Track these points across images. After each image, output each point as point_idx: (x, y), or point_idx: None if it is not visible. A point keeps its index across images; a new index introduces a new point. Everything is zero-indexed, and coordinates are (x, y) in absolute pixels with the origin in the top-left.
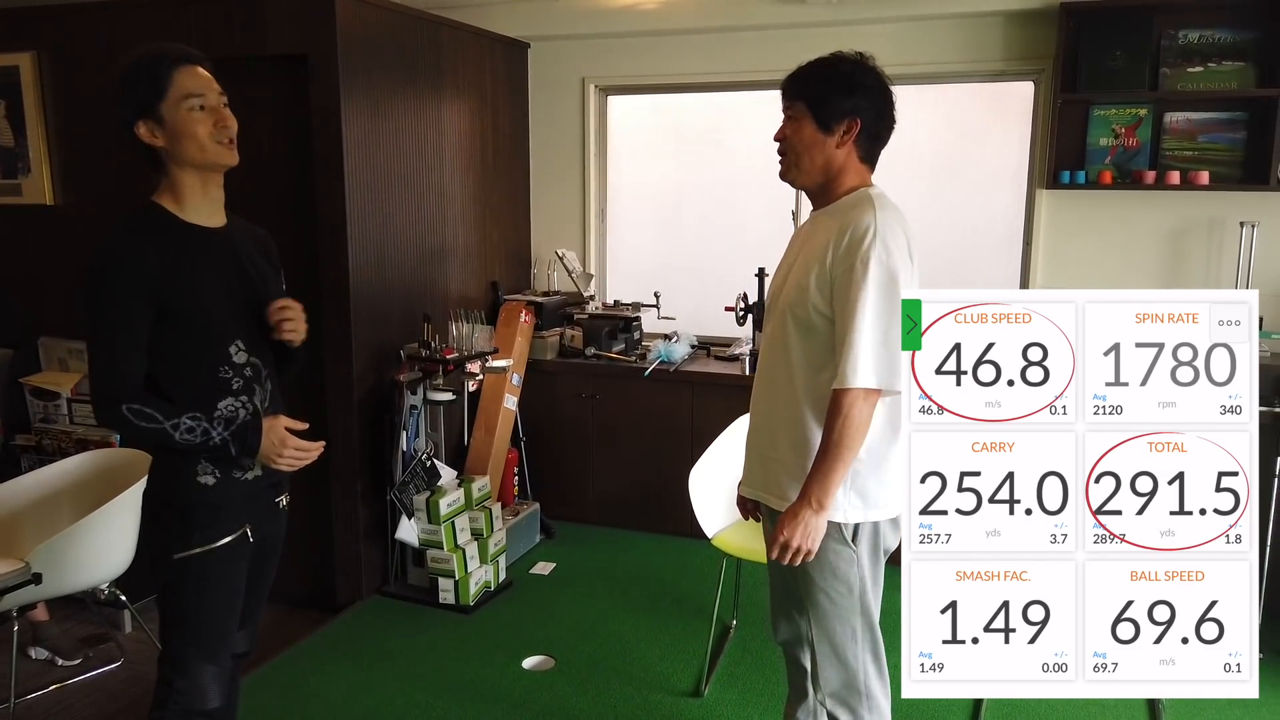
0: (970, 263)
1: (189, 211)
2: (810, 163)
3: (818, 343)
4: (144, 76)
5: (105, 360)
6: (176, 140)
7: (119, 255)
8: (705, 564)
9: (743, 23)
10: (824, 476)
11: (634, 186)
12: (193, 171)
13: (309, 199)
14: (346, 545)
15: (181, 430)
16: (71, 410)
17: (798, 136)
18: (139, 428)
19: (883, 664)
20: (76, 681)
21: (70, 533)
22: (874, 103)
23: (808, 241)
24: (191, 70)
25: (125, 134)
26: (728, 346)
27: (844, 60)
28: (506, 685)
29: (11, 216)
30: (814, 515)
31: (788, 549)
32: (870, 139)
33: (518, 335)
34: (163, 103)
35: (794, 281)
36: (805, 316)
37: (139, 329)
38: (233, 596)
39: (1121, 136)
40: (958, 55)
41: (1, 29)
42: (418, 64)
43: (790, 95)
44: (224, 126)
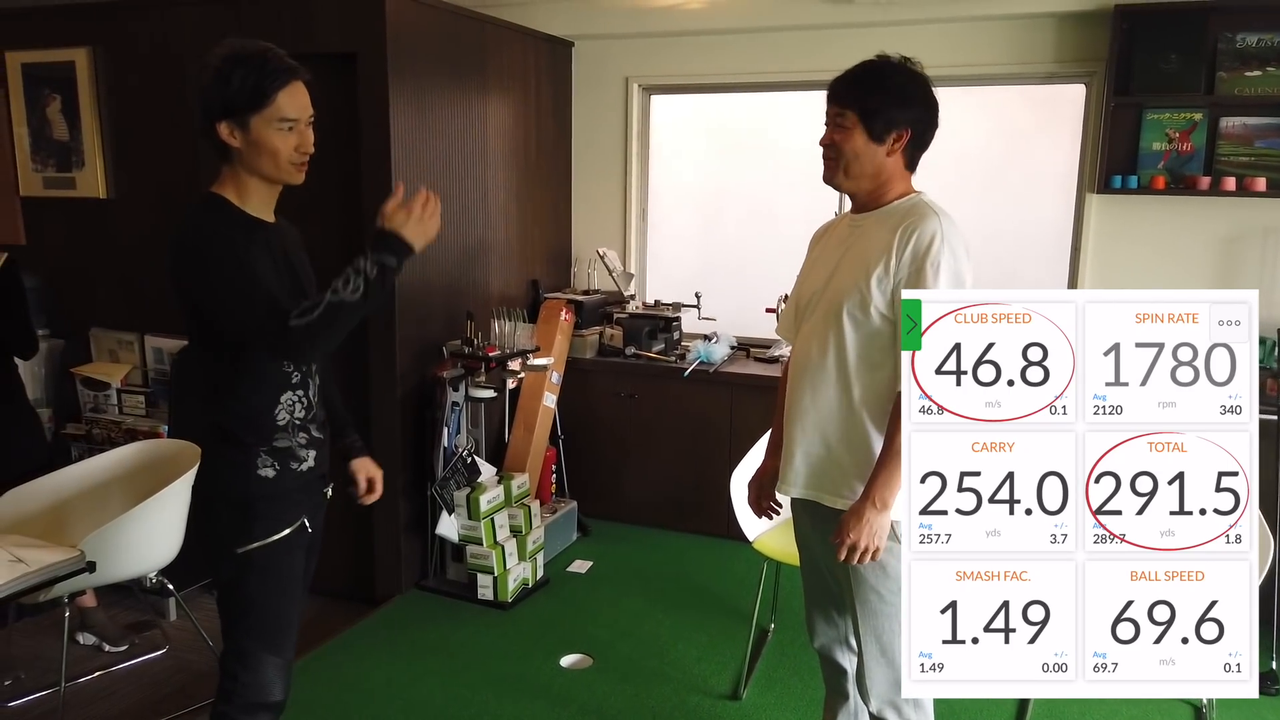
0: (1018, 268)
1: (249, 206)
2: (859, 170)
3: (877, 342)
4: (245, 82)
5: (259, 302)
6: (255, 151)
7: (209, 231)
8: (741, 566)
9: (789, 23)
10: (889, 476)
11: (676, 186)
12: (260, 179)
13: (356, 195)
14: (387, 539)
15: (345, 290)
16: (121, 400)
17: (847, 143)
18: (317, 320)
19: None
20: (123, 668)
21: (121, 521)
22: (924, 113)
23: (857, 244)
24: (295, 89)
25: (201, 123)
26: (768, 348)
27: (895, 71)
28: (545, 682)
29: (65, 209)
30: (878, 515)
31: (855, 550)
32: (916, 147)
33: (558, 333)
34: (256, 115)
35: (847, 282)
36: (862, 316)
37: (251, 274)
38: (294, 587)
39: (1175, 141)
40: (1008, 57)
41: (58, 25)
42: (463, 62)
43: (840, 102)
44: (304, 149)
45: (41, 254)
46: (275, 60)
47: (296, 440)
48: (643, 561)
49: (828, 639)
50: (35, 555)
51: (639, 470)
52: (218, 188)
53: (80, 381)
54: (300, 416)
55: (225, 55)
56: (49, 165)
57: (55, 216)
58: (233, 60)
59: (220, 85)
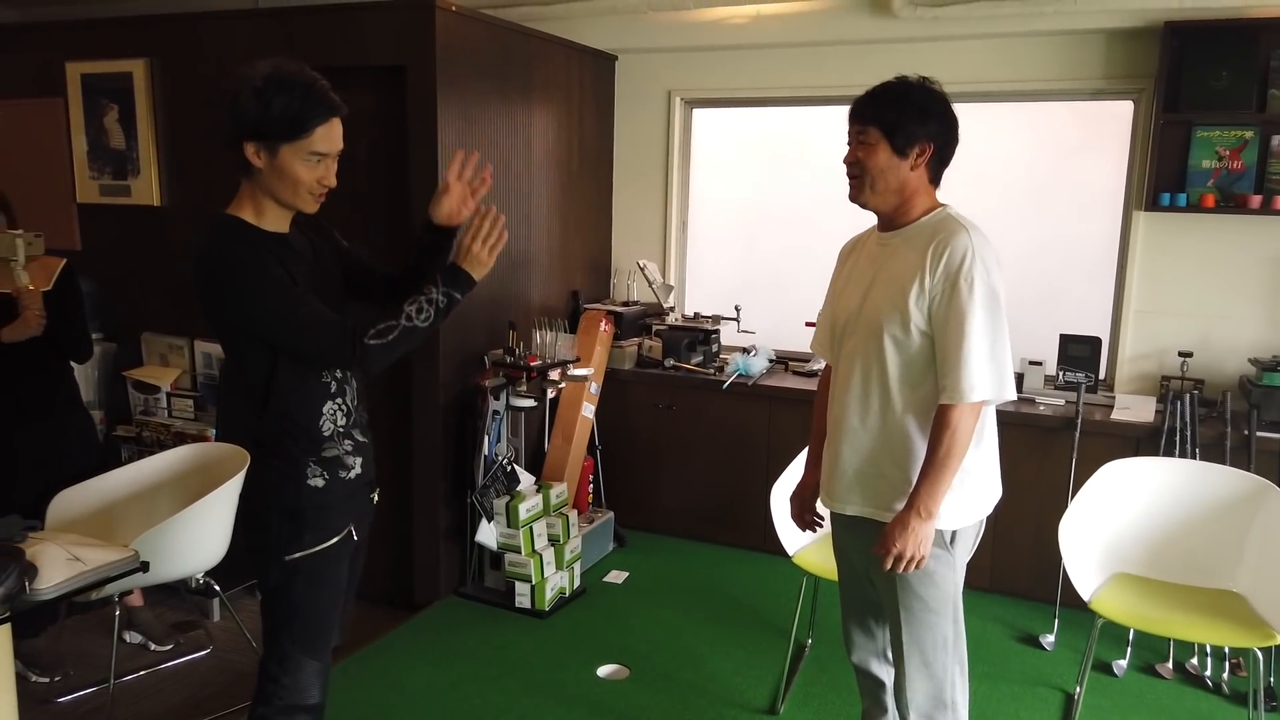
0: (1062, 285)
1: (267, 223)
2: (885, 185)
3: (917, 359)
4: (286, 111)
5: (326, 322)
6: (277, 176)
7: (243, 256)
8: (777, 579)
9: (832, 38)
10: (933, 486)
11: (716, 199)
12: (274, 201)
13: (405, 205)
14: (427, 546)
15: (416, 317)
16: (170, 403)
17: (872, 160)
18: (392, 342)
19: (966, 674)
20: (168, 667)
21: (170, 523)
22: (944, 128)
23: (888, 263)
24: (332, 125)
25: (227, 137)
26: (807, 361)
27: (914, 88)
28: (582, 692)
29: (120, 216)
30: (922, 524)
31: (901, 559)
32: (939, 162)
33: (597, 344)
34: (289, 145)
35: (884, 301)
36: (903, 336)
37: (300, 297)
38: (337, 594)
39: (1225, 159)
40: (1056, 73)
41: (117, 37)
42: (509, 75)
43: (863, 120)
44: (326, 182)
45: (97, 259)
46: (320, 94)
47: (343, 448)
48: (679, 573)
49: (865, 652)
50: (92, 554)
51: (676, 482)
52: (234, 208)
53: (132, 384)
54: (343, 424)
55: (268, 76)
56: (105, 173)
57: (110, 223)
58: (276, 84)
59: (258, 106)
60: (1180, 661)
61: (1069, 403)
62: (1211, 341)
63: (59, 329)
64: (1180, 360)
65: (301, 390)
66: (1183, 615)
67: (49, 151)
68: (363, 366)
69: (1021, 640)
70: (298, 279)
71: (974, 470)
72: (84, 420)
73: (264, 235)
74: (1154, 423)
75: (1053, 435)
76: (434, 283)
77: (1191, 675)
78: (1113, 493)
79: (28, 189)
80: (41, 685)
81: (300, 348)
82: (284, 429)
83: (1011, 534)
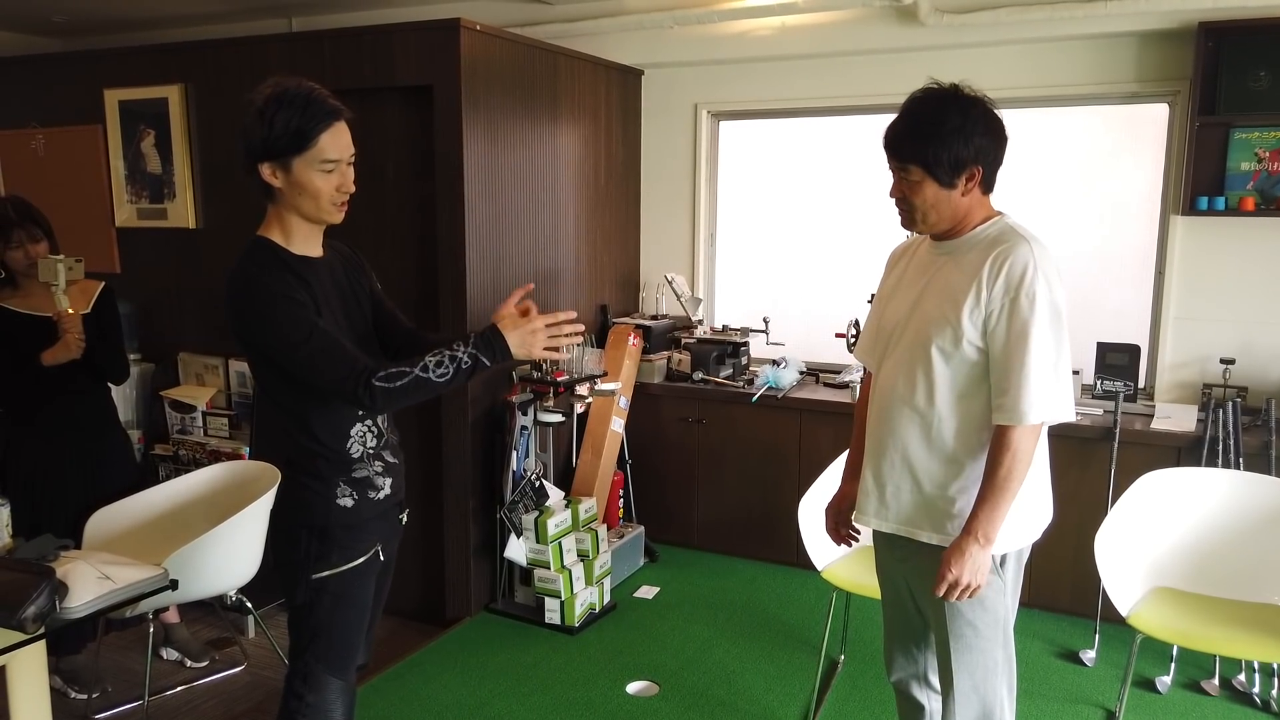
0: (1099, 292)
1: (296, 244)
2: (938, 216)
3: (968, 373)
4: (288, 125)
5: (337, 356)
6: (297, 191)
7: (264, 280)
8: (809, 594)
9: (859, 47)
10: (992, 510)
11: (744, 211)
12: (301, 217)
13: (431, 222)
14: (457, 562)
15: (433, 370)
16: (206, 422)
17: (919, 197)
18: (399, 389)
19: (1014, 697)
20: (203, 683)
21: (203, 540)
22: (990, 143)
23: (941, 273)
24: (337, 130)
25: (244, 163)
26: (837, 373)
27: (948, 108)
28: (611, 709)
29: (157, 238)
30: (981, 550)
31: (956, 586)
32: (990, 174)
33: (626, 358)
34: (298, 157)
35: (934, 314)
36: (953, 349)
37: (319, 328)
38: (364, 613)
39: (1265, 161)
40: (1088, 77)
41: (153, 63)
42: (536, 92)
43: (901, 158)
44: (345, 189)
45: (134, 281)
46: (318, 101)
47: (373, 469)
48: (710, 588)
49: (906, 674)
50: (122, 573)
51: (706, 496)
52: (264, 230)
53: (168, 404)
54: (373, 446)
55: (268, 96)
56: (142, 197)
57: (147, 246)
58: (275, 102)
59: (262, 127)
60: (1227, 678)
61: (1107, 412)
62: (1254, 348)
63: (97, 350)
64: (1222, 368)
65: (330, 412)
66: (1225, 630)
67: (88, 177)
68: (365, 407)
69: (1062, 656)
70: (321, 302)
71: (1023, 492)
72: (122, 440)
73: (292, 257)
74: (1195, 432)
75: (1091, 446)
76: (465, 340)
77: (1239, 692)
78: (1152, 504)
79: (68, 213)
80: (80, 701)
81: (308, 377)
82: (313, 449)
83: (1050, 547)
